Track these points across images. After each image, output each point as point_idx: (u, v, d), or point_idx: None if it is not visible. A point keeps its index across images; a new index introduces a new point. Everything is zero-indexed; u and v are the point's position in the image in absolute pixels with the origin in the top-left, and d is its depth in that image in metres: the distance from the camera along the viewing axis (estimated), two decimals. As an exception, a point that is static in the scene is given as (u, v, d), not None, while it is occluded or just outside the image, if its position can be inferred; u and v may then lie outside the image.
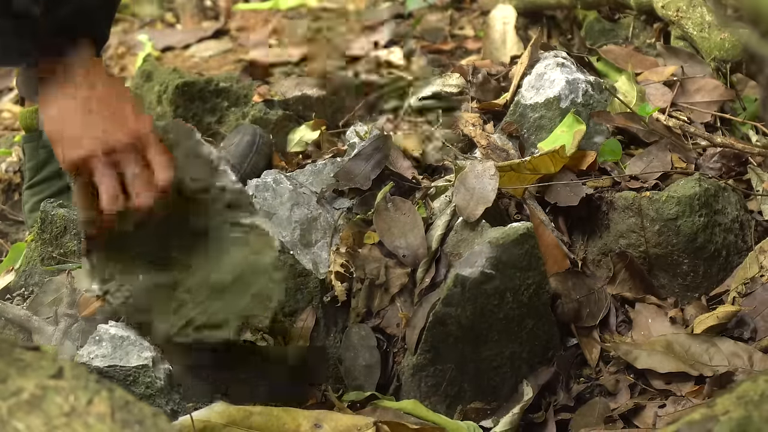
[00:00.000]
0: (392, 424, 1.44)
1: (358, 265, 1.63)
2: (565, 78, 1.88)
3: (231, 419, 1.40)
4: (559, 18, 2.54)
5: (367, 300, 1.65)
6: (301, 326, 1.62)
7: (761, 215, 1.81)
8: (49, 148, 2.01)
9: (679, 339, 1.64)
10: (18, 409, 0.79)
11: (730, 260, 1.75)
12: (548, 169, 1.74)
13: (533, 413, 1.60)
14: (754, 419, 0.86)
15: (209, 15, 3.34)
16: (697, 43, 2.06)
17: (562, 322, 1.68)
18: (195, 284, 1.42)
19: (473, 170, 1.66)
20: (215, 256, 1.42)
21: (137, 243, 1.42)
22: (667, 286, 1.74)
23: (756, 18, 0.91)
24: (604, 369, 1.66)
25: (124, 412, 0.80)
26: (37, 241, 1.77)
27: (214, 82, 2.34)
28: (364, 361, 1.62)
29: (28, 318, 1.57)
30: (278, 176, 1.68)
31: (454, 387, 1.60)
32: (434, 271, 1.64)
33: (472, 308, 1.55)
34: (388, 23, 2.95)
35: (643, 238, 1.72)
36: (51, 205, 1.78)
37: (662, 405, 1.58)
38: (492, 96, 2.01)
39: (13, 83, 3.20)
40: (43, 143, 2.03)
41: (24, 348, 0.87)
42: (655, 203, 1.70)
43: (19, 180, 2.37)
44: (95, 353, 1.50)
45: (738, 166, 1.86)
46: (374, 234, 1.67)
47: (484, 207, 1.62)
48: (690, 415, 0.90)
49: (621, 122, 1.86)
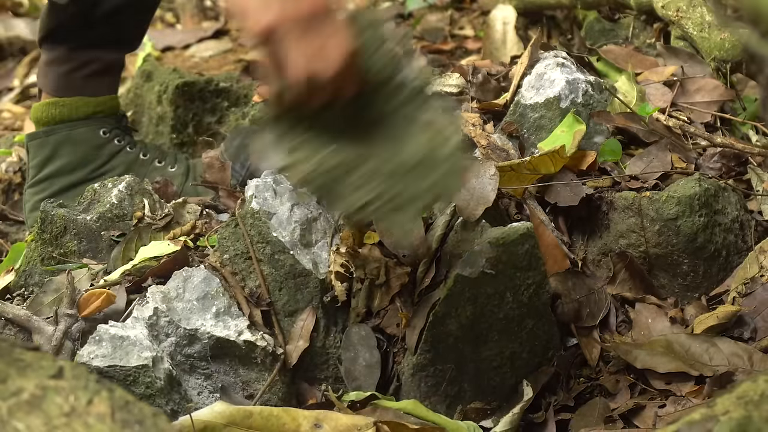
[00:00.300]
0: (392, 424, 1.44)
1: (358, 265, 1.63)
2: (565, 78, 1.88)
3: (231, 419, 1.40)
4: (559, 18, 2.54)
5: (367, 300, 1.65)
6: (301, 326, 1.62)
7: (761, 215, 1.81)
8: (54, 144, 2.04)
9: (679, 339, 1.64)
10: (18, 409, 0.80)
11: (730, 260, 1.75)
12: (548, 169, 1.74)
13: (533, 413, 1.60)
14: (754, 419, 0.86)
15: (209, 15, 3.34)
16: (697, 43, 2.06)
17: (562, 322, 1.68)
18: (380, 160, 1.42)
19: (473, 170, 1.66)
20: (399, 142, 1.43)
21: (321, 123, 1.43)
22: (667, 286, 1.74)
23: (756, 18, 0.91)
24: (604, 369, 1.66)
25: (124, 412, 0.80)
26: (37, 241, 1.77)
27: (214, 82, 2.34)
28: (364, 361, 1.62)
29: (28, 318, 1.57)
30: (278, 176, 1.68)
31: (454, 387, 1.60)
32: (434, 271, 1.63)
33: (472, 308, 1.55)
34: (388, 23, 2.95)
35: (643, 238, 1.72)
36: (51, 205, 1.78)
37: (662, 405, 1.58)
38: (492, 96, 2.01)
39: (14, 83, 3.20)
40: (49, 140, 2.04)
41: (24, 348, 0.87)
42: (655, 203, 1.70)
43: (19, 180, 2.37)
44: (95, 353, 1.50)
45: (738, 166, 1.86)
46: (374, 234, 1.67)
47: (484, 207, 1.62)
48: (690, 415, 0.90)
49: (621, 122, 1.86)
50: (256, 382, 1.59)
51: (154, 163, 2.05)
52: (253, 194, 1.65)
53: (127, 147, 2.05)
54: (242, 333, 1.57)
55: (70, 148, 2.03)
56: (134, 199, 1.78)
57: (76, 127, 2.03)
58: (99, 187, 1.80)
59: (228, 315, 1.58)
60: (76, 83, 2.03)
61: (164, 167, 2.05)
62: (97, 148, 2.04)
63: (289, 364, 1.61)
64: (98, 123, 2.04)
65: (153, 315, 1.55)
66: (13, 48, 3.38)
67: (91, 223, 1.74)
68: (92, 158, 2.04)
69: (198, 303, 1.58)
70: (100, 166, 2.04)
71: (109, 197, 1.77)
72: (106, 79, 2.07)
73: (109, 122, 2.06)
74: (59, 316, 1.55)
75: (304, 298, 1.63)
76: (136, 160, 2.05)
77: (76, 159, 2.03)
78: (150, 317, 1.55)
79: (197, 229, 1.75)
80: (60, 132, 2.03)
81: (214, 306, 1.58)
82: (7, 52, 3.38)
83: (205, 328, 1.57)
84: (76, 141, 2.03)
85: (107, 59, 2.05)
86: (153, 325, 1.55)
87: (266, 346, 1.58)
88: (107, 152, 2.04)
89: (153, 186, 1.85)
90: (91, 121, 2.04)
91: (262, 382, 1.59)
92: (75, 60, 2.03)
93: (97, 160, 2.04)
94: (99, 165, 2.04)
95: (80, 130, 2.03)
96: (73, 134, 2.03)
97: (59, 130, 2.03)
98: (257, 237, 1.62)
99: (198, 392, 1.57)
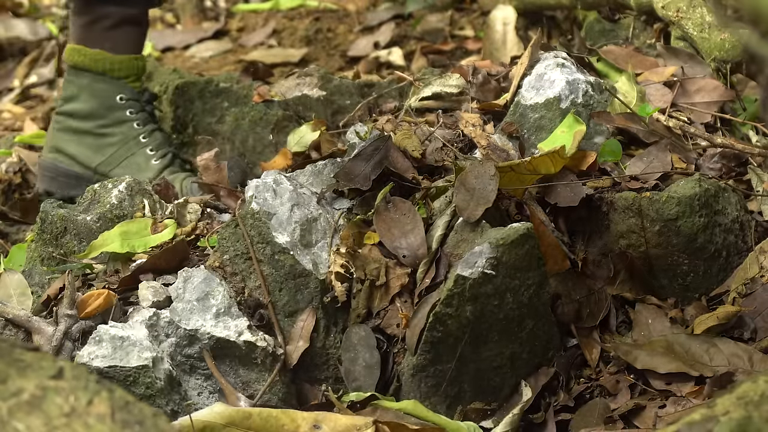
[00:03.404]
0: (392, 425, 1.44)
1: (358, 266, 1.63)
2: (565, 78, 1.88)
3: (230, 420, 1.40)
4: (559, 18, 2.55)
5: (368, 300, 1.65)
6: (301, 326, 1.62)
7: (761, 216, 1.81)
8: (78, 86, 2.17)
9: (679, 339, 1.64)
10: (18, 409, 0.79)
11: (730, 261, 1.75)
12: (548, 169, 1.74)
13: (533, 414, 1.60)
14: (754, 420, 0.86)
15: (209, 15, 3.34)
16: (697, 43, 2.06)
17: (562, 323, 1.68)
18: None
19: (473, 171, 1.66)
20: None
21: None
22: (667, 286, 1.74)
23: (756, 18, 0.91)
24: (604, 369, 1.66)
25: (124, 412, 0.80)
26: (37, 241, 1.77)
27: (214, 82, 2.34)
28: (364, 361, 1.62)
29: (28, 318, 1.57)
30: (278, 177, 1.68)
31: (454, 387, 1.60)
32: (434, 271, 1.63)
33: (472, 308, 1.55)
34: (388, 24, 2.95)
35: (643, 238, 1.72)
36: (51, 205, 1.78)
37: (662, 405, 1.58)
38: (492, 96, 2.01)
39: (14, 83, 3.20)
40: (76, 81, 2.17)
41: (24, 348, 0.87)
42: (655, 204, 1.70)
43: (19, 180, 2.37)
44: (95, 353, 1.50)
45: (738, 166, 1.86)
46: (374, 234, 1.67)
47: (484, 207, 1.62)
48: (690, 416, 0.90)
49: (621, 123, 1.86)
50: (256, 383, 1.59)
51: (146, 149, 2.12)
52: (253, 195, 1.65)
53: (135, 123, 2.17)
54: (242, 333, 1.57)
55: (88, 97, 2.18)
56: (134, 199, 1.78)
57: (99, 81, 2.17)
58: (99, 188, 1.80)
59: (228, 315, 1.58)
60: (95, 35, 2.16)
61: (150, 157, 2.15)
62: (109, 108, 2.17)
63: (289, 365, 1.61)
64: (119, 87, 2.17)
65: (153, 315, 1.55)
66: (13, 48, 3.38)
67: (91, 223, 1.74)
68: (101, 115, 2.17)
69: (198, 303, 1.58)
70: (104, 126, 2.17)
71: (109, 197, 1.77)
72: (123, 35, 2.18)
73: (131, 92, 2.18)
74: (59, 317, 1.55)
75: (304, 298, 1.63)
76: (135, 138, 2.17)
77: (89, 109, 2.17)
78: (150, 317, 1.55)
79: (198, 230, 1.75)
80: (85, 78, 2.17)
81: (214, 306, 1.58)
82: (7, 52, 3.38)
83: (205, 328, 1.57)
84: (95, 93, 2.17)
85: (121, 14, 2.16)
86: (153, 326, 1.55)
87: (266, 346, 1.58)
88: (115, 117, 2.17)
89: (153, 187, 1.86)
90: (114, 82, 2.17)
91: (262, 383, 1.59)
92: (91, 13, 2.16)
93: (104, 119, 2.17)
94: (103, 124, 2.17)
95: (101, 85, 2.17)
96: (94, 86, 2.17)
97: (85, 76, 2.17)
98: (257, 237, 1.62)
99: (198, 393, 1.57)
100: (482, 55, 2.55)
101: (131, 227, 1.72)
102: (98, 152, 2.17)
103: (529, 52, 1.97)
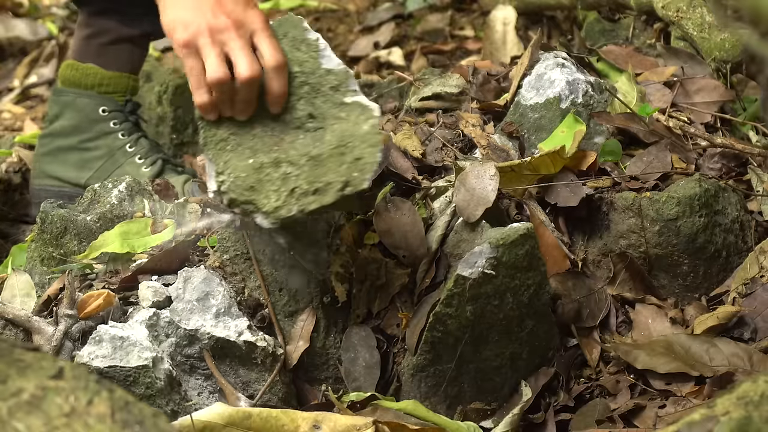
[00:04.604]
0: (392, 425, 1.44)
1: (358, 266, 1.63)
2: (566, 78, 1.88)
3: (230, 420, 1.40)
4: (559, 18, 2.54)
5: (368, 300, 1.65)
6: (301, 327, 1.62)
7: (761, 216, 1.81)
8: (61, 105, 2.15)
9: (679, 339, 1.64)
10: (18, 409, 0.80)
11: (730, 261, 1.75)
12: (548, 169, 1.74)
13: (533, 414, 1.60)
14: (754, 420, 0.86)
15: (209, 15, 3.33)
16: (697, 43, 2.06)
17: (562, 323, 1.68)
18: (297, 156, 1.50)
19: (473, 171, 1.66)
20: (319, 133, 1.51)
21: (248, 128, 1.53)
22: (667, 286, 1.74)
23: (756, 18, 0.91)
24: (604, 369, 1.66)
25: (124, 412, 0.81)
26: (37, 241, 1.77)
27: (214, 82, 2.34)
28: (364, 361, 1.62)
29: (28, 318, 1.57)
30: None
31: (454, 387, 1.60)
32: (434, 271, 1.64)
33: (472, 309, 1.55)
34: (388, 24, 2.95)
35: (643, 238, 1.72)
36: (51, 205, 1.78)
37: (662, 405, 1.58)
38: (492, 96, 2.01)
39: (14, 84, 3.20)
40: (59, 100, 2.15)
41: (24, 348, 0.88)
42: (655, 204, 1.70)
43: (19, 180, 2.37)
44: (95, 354, 1.50)
45: (738, 166, 1.86)
46: (374, 234, 1.67)
47: (484, 207, 1.62)
48: (690, 416, 0.90)
49: (621, 123, 1.86)
50: (256, 383, 1.59)
51: (134, 159, 2.10)
52: (253, 195, 1.65)
53: (120, 133, 2.13)
54: (242, 333, 1.57)
55: (71, 113, 2.14)
56: (134, 199, 1.78)
57: (82, 96, 2.14)
58: (99, 188, 1.80)
59: (228, 315, 1.58)
60: (92, 50, 2.15)
61: (140, 166, 2.12)
62: (92, 122, 2.13)
63: (289, 365, 1.61)
64: (101, 100, 2.13)
65: (153, 315, 1.55)
66: (13, 48, 3.38)
67: (91, 223, 1.74)
68: (84, 129, 2.14)
69: (198, 303, 1.58)
70: (88, 140, 2.14)
71: (109, 198, 1.77)
72: (118, 52, 2.15)
73: (113, 103, 2.14)
74: (59, 317, 1.55)
75: (304, 298, 1.63)
76: (120, 148, 2.13)
77: (73, 124, 2.14)
78: (150, 317, 1.55)
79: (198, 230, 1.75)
80: (69, 95, 2.15)
81: (214, 306, 1.58)
82: (7, 52, 3.38)
83: (205, 328, 1.57)
84: (77, 108, 2.14)
85: (121, 32, 2.14)
86: (153, 326, 1.55)
87: (266, 346, 1.58)
88: (98, 129, 2.13)
89: (153, 187, 1.86)
90: (96, 96, 2.13)
91: (262, 383, 1.59)
92: (92, 26, 2.15)
93: (87, 133, 2.14)
94: (87, 138, 2.14)
95: (84, 99, 2.14)
96: (77, 101, 2.14)
97: (69, 93, 2.15)
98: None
99: (198, 393, 1.58)
100: (482, 55, 2.55)
101: (131, 227, 1.72)
102: (85, 168, 2.13)
103: (529, 52, 1.97)
